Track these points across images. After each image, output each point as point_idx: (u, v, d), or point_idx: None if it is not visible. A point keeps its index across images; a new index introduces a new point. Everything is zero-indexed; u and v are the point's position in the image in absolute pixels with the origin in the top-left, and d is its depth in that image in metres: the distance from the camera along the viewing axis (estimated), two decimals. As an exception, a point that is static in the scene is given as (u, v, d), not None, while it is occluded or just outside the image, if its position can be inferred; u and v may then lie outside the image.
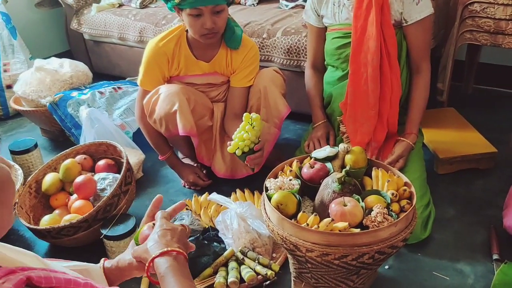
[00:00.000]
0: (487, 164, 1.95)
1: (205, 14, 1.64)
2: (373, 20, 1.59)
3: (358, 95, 1.67)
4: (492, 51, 2.49)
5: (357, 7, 1.62)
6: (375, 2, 1.58)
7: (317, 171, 1.37)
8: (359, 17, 1.62)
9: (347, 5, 1.70)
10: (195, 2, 1.61)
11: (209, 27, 1.65)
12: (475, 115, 2.26)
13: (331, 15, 1.75)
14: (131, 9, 2.88)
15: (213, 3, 1.62)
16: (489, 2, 1.96)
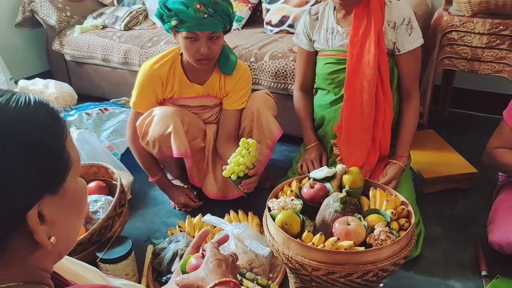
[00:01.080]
0: (468, 184, 2.04)
1: (201, 39, 1.67)
2: (369, 48, 1.66)
3: (353, 120, 1.73)
4: (466, 77, 2.63)
5: (354, 34, 1.69)
6: (374, 31, 1.65)
7: (317, 191, 1.40)
8: (355, 44, 1.69)
9: (341, 32, 1.77)
10: (192, 27, 1.64)
11: (204, 53, 1.67)
12: (452, 137, 2.36)
13: (324, 41, 1.82)
14: (115, 31, 2.89)
15: (210, 29, 1.65)
16: (466, 31, 2.09)
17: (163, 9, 1.67)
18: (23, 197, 0.58)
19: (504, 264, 1.61)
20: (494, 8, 2.00)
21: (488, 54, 2.08)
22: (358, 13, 1.69)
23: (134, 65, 2.70)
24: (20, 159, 0.57)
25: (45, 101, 0.64)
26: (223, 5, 1.66)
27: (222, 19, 1.66)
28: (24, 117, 0.59)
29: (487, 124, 1.79)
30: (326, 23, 1.81)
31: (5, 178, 0.56)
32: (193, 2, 1.61)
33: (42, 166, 0.60)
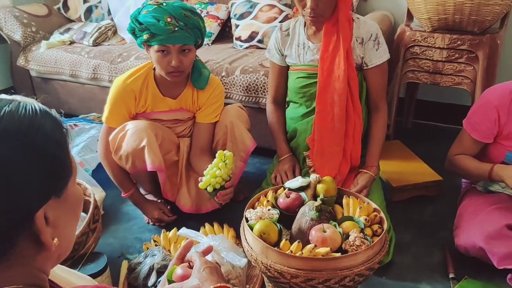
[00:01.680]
0: (434, 191, 2.13)
1: (172, 52, 1.69)
2: (339, 63, 1.72)
3: (325, 132, 1.79)
4: (428, 89, 2.75)
5: (324, 50, 1.76)
6: (343, 47, 1.72)
7: (293, 200, 1.44)
8: (326, 60, 1.75)
9: (312, 48, 1.83)
10: (163, 40, 1.67)
11: (175, 65, 1.70)
12: (417, 147, 2.45)
13: (295, 56, 1.88)
14: (83, 46, 2.87)
15: (180, 42, 1.68)
16: (428, 46, 2.20)
17: (135, 23, 1.68)
18: (33, 198, 0.62)
19: (470, 266, 1.68)
20: (452, 24, 2.12)
21: (448, 67, 2.19)
22: (328, 30, 1.75)
23: (103, 81, 2.69)
24: (31, 163, 0.62)
25: (48, 109, 0.69)
26: (193, 19, 1.69)
27: (193, 33, 1.69)
28: (33, 124, 0.64)
29: (449, 135, 1.88)
30: (297, 39, 1.86)
31: (18, 180, 0.60)
32: (163, 15, 1.63)
33: (50, 170, 0.64)
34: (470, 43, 2.11)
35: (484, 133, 1.73)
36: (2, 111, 0.63)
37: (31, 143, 0.62)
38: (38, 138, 0.63)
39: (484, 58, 2.10)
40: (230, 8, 2.85)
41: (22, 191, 0.61)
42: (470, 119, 1.77)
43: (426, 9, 2.11)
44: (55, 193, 0.65)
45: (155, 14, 1.64)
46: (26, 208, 0.62)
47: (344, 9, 1.72)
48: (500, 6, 2.03)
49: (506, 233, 1.60)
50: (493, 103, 1.69)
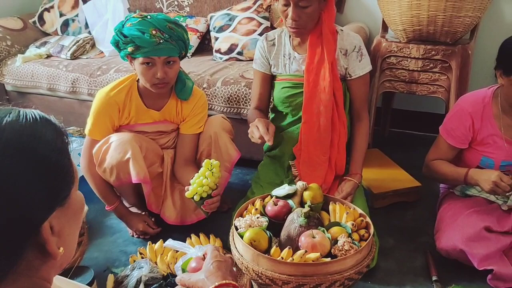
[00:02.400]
0: (414, 197, 2.19)
1: (157, 64, 1.70)
2: (324, 75, 1.77)
3: (311, 142, 1.82)
4: (404, 99, 2.84)
5: (309, 62, 1.80)
6: (327, 59, 1.76)
7: (281, 208, 1.46)
8: (311, 71, 1.79)
9: (298, 59, 1.87)
10: (148, 52, 1.68)
11: (160, 77, 1.71)
12: (395, 154, 2.52)
13: (281, 66, 1.91)
14: (61, 60, 2.84)
15: (165, 54, 1.69)
16: (403, 56, 2.28)
17: (119, 36, 1.69)
18: (39, 210, 0.61)
19: (452, 268, 1.73)
20: (426, 35, 2.20)
21: (424, 76, 2.27)
22: (313, 42, 1.79)
23: (82, 94, 2.66)
24: (35, 174, 0.61)
25: (48, 117, 0.67)
26: (177, 31, 1.71)
27: (177, 45, 1.71)
28: (35, 133, 0.63)
29: (425, 142, 1.95)
30: (283, 49, 1.90)
31: (23, 194, 0.59)
32: (148, 28, 1.65)
33: (54, 180, 0.63)
34: (443, 53, 2.19)
35: (459, 139, 1.79)
36: (3, 122, 0.61)
37: (34, 153, 0.61)
38: (40, 148, 0.62)
39: (457, 68, 2.19)
40: (209, 21, 2.88)
41: (28, 204, 0.59)
42: (446, 125, 1.83)
43: (401, 20, 2.18)
44: (60, 202, 0.65)
45: (140, 27, 1.65)
46: (32, 220, 0.61)
47: (327, 21, 1.77)
48: (470, 18, 2.12)
49: (484, 235, 1.66)
50: (467, 110, 1.77)
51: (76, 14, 3.15)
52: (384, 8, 2.28)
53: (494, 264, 1.63)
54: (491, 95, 1.75)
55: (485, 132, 1.74)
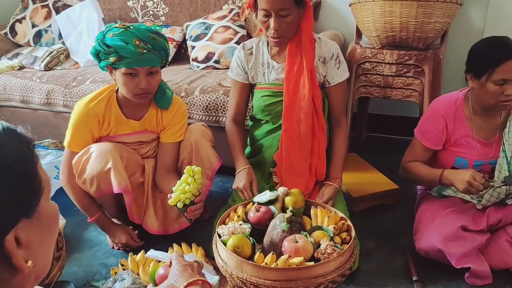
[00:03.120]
0: (392, 200, 2.23)
1: (140, 74, 1.69)
2: (304, 83, 1.80)
3: (292, 150, 1.84)
4: (379, 103, 2.89)
5: (289, 71, 1.82)
6: (306, 67, 1.79)
7: (263, 214, 1.47)
8: (291, 80, 1.81)
9: (277, 67, 1.89)
10: (132, 63, 1.66)
11: (143, 87, 1.70)
12: (372, 158, 2.56)
13: (260, 75, 1.93)
14: (34, 71, 2.79)
15: (149, 64, 1.68)
16: (378, 62, 2.33)
17: (102, 46, 1.67)
18: (1, 222, 0.59)
19: (431, 268, 1.77)
20: (399, 41, 2.26)
21: (398, 81, 2.32)
22: (292, 50, 1.82)
23: (57, 106, 2.62)
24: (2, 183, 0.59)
25: (13, 127, 0.66)
26: (160, 41, 1.71)
27: (159, 55, 1.71)
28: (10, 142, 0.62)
29: (401, 145, 1.99)
30: (261, 58, 1.92)
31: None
32: (132, 38, 1.64)
33: (17, 191, 0.61)
34: (416, 58, 2.25)
35: (434, 141, 1.84)
36: None
37: None
38: (3, 157, 0.60)
39: (429, 72, 2.25)
40: (185, 30, 2.88)
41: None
42: (421, 128, 1.88)
43: (375, 27, 2.23)
44: (26, 213, 0.62)
45: (123, 37, 1.64)
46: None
47: (306, 30, 1.80)
48: (440, 24, 2.19)
49: (461, 234, 1.71)
50: (440, 113, 1.82)
51: (49, 25, 3.11)
52: (357, 15, 2.33)
53: (471, 262, 1.68)
54: (463, 98, 1.81)
55: (458, 134, 1.79)
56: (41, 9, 3.14)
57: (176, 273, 0.94)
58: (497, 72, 1.60)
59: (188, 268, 0.96)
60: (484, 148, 1.78)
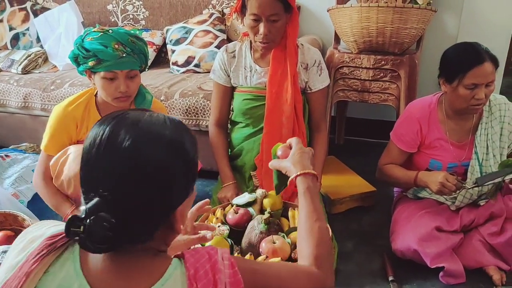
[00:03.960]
0: (370, 202, 2.26)
1: (120, 77, 1.69)
2: (287, 88, 1.82)
3: None
4: (357, 107, 2.94)
5: (272, 74, 1.84)
6: (290, 72, 1.82)
7: (241, 215, 1.48)
8: (274, 84, 1.84)
9: (259, 71, 1.91)
10: (111, 66, 1.66)
11: (123, 91, 1.69)
12: (350, 161, 2.60)
13: (242, 78, 1.94)
14: (11, 74, 2.75)
15: (128, 68, 1.68)
16: (355, 66, 2.37)
17: (80, 50, 1.66)
18: (179, 199, 0.80)
19: (407, 268, 1.81)
20: (376, 46, 2.30)
21: (375, 85, 2.37)
22: (276, 55, 1.85)
23: (35, 109, 2.60)
24: (182, 167, 0.78)
25: (186, 126, 0.85)
26: (139, 44, 1.71)
27: (139, 58, 1.71)
28: (182, 133, 0.80)
29: (378, 149, 2.03)
30: (243, 62, 1.94)
31: (175, 181, 0.77)
32: (111, 41, 1.64)
33: (191, 177, 0.82)
34: (392, 63, 2.30)
35: (408, 144, 1.88)
36: (167, 122, 0.79)
37: (183, 150, 0.79)
38: (189, 152, 0.79)
39: (405, 76, 2.30)
40: (165, 34, 2.89)
41: (176, 191, 0.78)
42: (396, 131, 1.92)
43: (352, 32, 2.28)
44: (189, 193, 0.82)
45: (102, 41, 1.64)
46: (175, 204, 0.79)
47: (292, 36, 1.83)
48: (416, 30, 2.24)
49: (435, 234, 1.75)
50: (415, 116, 1.86)
51: (27, 28, 3.08)
52: (335, 21, 2.37)
53: (445, 262, 1.72)
54: (436, 102, 1.85)
55: (432, 136, 1.84)
56: (18, 12, 3.11)
57: (295, 158, 1.13)
58: (467, 77, 1.65)
59: (305, 157, 1.14)
60: (457, 150, 1.83)
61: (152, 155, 0.74)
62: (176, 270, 0.77)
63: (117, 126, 0.76)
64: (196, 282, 0.75)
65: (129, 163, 0.73)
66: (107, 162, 0.74)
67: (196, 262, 0.78)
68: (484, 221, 1.82)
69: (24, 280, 0.73)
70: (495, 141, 1.80)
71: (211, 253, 0.80)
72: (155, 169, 0.74)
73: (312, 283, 0.90)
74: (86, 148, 0.77)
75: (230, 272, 0.77)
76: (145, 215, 0.75)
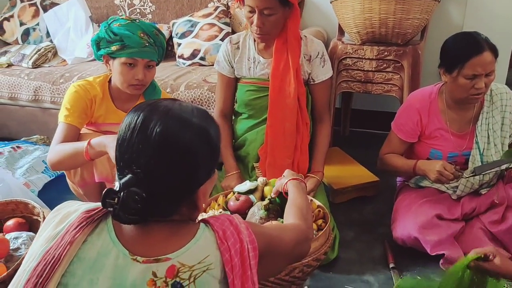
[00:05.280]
0: (373, 191, 2.29)
1: (139, 65, 1.73)
2: (290, 81, 1.85)
3: (277, 146, 1.90)
4: (362, 99, 2.95)
5: (275, 68, 1.86)
6: (292, 65, 1.84)
7: (243, 202, 1.52)
8: (277, 77, 1.86)
9: (263, 62, 1.93)
10: (133, 53, 1.70)
11: (140, 78, 1.73)
12: (354, 151, 2.61)
13: (246, 69, 1.97)
14: (22, 68, 2.82)
15: (148, 57, 1.73)
16: (358, 57, 2.38)
17: (108, 33, 1.70)
18: (204, 175, 0.88)
19: (407, 255, 1.83)
20: (379, 37, 2.31)
21: (378, 76, 2.38)
22: (278, 48, 1.86)
23: (45, 102, 2.66)
24: (208, 148, 0.87)
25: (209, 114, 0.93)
26: (161, 38, 1.77)
27: (158, 51, 1.76)
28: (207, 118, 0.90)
29: (382, 140, 2.05)
30: (247, 53, 1.96)
31: (201, 160, 0.85)
32: (137, 30, 1.69)
33: (215, 155, 0.90)
34: (395, 54, 2.31)
35: (409, 133, 1.90)
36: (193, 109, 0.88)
37: (208, 134, 0.87)
38: (211, 130, 0.88)
39: (408, 67, 2.31)
40: (171, 27, 2.93)
41: (202, 170, 0.86)
42: (397, 121, 1.94)
43: (355, 23, 2.29)
44: (211, 174, 0.90)
45: (129, 28, 1.69)
46: (198, 183, 0.87)
47: (292, 28, 1.85)
48: (419, 20, 2.25)
49: (436, 222, 1.77)
50: (415, 106, 1.88)
51: (36, 23, 3.14)
52: (338, 12, 2.38)
53: (446, 249, 1.74)
54: (437, 92, 1.87)
55: (433, 126, 1.85)
56: (29, 8, 3.17)
57: (285, 173, 1.39)
58: (466, 67, 1.66)
59: (294, 172, 1.39)
60: (458, 140, 1.84)
61: (181, 139, 0.83)
62: (205, 232, 0.86)
63: (151, 112, 0.84)
64: (226, 240, 0.85)
65: (160, 145, 0.82)
66: (141, 144, 0.82)
67: (221, 225, 0.88)
68: (485, 210, 1.83)
69: (68, 248, 0.81)
70: (496, 131, 1.81)
71: (230, 218, 0.91)
72: (183, 152, 0.83)
73: (300, 233, 1.08)
74: (122, 131, 0.86)
75: (247, 232, 0.89)
76: (172, 191, 0.84)
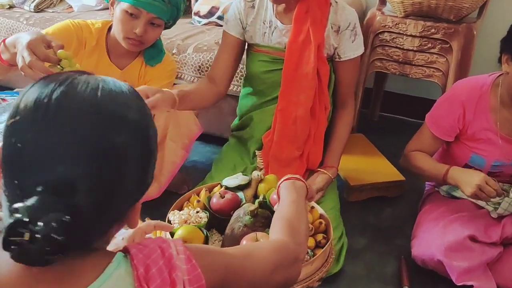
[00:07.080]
0: (395, 192, 1.97)
1: (141, 18, 1.53)
2: (308, 59, 1.52)
3: (285, 135, 1.60)
4: (397, 81, 2.59)
5: (293, 39, 1.53)
6: (314, 41, 1.51)
7: (227, 201, 1.24)
8: (293, 52, 1.53)
9: (281, 28, 1.59)
10: (139, 2, 1.49)
11: (138, 33, 1.53)
12: (381, 141, 2.29)
13: (260, 34, 1.64)
14: (23, 12, 2.57)
15: (154, 12, 1.52)
16: (398, 33, 2.02)
17: None
18: (139, 194, 0.66)
19: (427, 278, 1.54)
20: (426, 10, 1.94)
21: (420, 57, 2.02)
22: (299, 17, 1.53)
23: (43, 51, 2.42)
24: (147, 156, 0.66)
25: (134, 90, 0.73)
26: None
27: (170, 10, 1.55)
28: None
29: (416, 130, 1.72)
30: (263, 14, 1.62)
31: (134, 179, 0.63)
32: None
33: (153, 166, 0.68)
34: (444, 32, 1.94)
35: (444, 129, 1.57)
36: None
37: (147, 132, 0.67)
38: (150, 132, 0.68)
39: (458, 49, 1.94)
40: (190, -20, 2.60)
41: (136, 189, 0.64)
42: (433, 112, 1.62)
43: (399, -9, 1.92)
44: (150, 183, 0.68)
45: None
46: (133, 202, 0.65)
47: None
48: (479, -7, 1.85)
49: (468, 245, 1.46)
50: (460, 98, 1.53)
51: (46, -38, 2.86)
52: (381, -24, 2.00)
53: (475, 279, 1.43)
54: (491, 84, 1.51)
55: (477, 126, 1.51)
56: None
57: None
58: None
59: None
60: (508, 146, 1.50)
61: (114, 138, 0.61)
62: (118, 269, 0.62)
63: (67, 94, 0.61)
64: (148, 283, 0.61)
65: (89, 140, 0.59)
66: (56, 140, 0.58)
67: (146, 258, 0.63)
68: (531, 235, 1.50)
69: None
70: (560, 141, 1.45)
71: (163, 246, 0.65)
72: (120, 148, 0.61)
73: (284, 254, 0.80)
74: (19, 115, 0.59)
75: (187, 267, 0.64)
76: (110, 206, 0.61)
